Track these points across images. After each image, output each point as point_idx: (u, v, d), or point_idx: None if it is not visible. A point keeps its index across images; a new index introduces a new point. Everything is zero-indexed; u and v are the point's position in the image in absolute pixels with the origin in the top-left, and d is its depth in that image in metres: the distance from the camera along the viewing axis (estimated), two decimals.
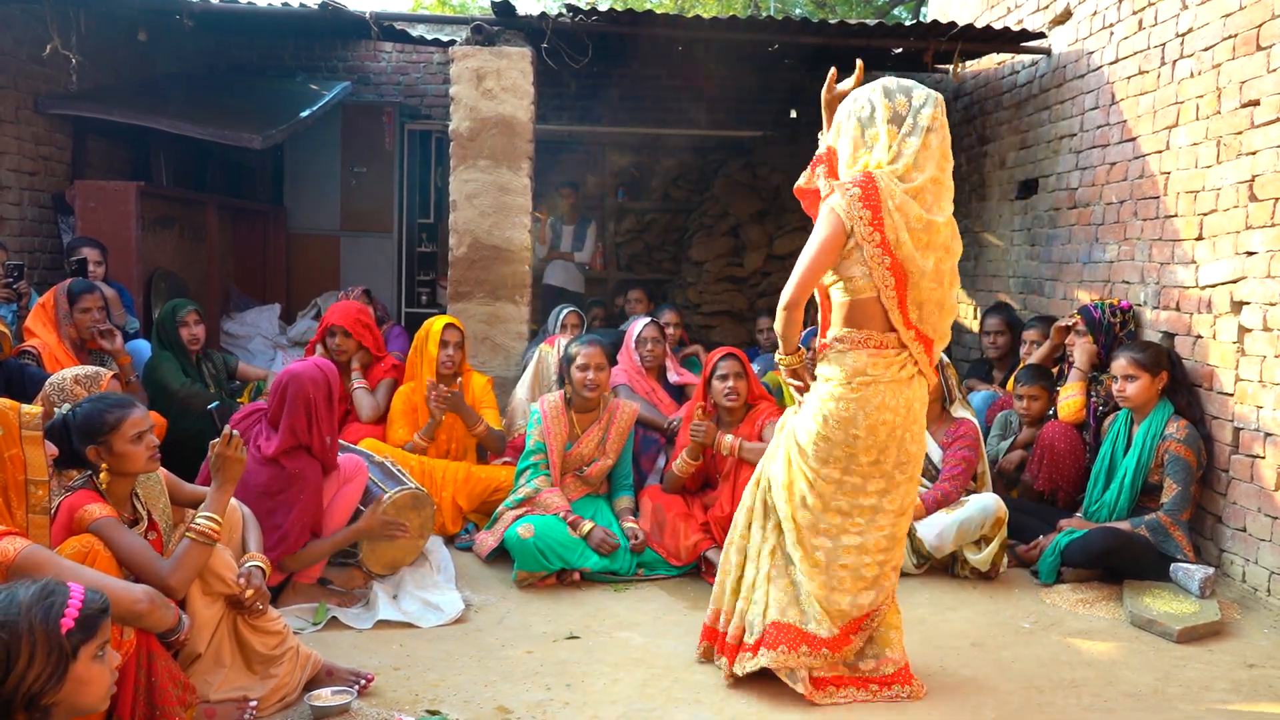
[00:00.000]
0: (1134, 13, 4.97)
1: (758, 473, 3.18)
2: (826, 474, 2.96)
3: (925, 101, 2.89)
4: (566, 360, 4.37)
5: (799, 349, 3.01)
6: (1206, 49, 4.34)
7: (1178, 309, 4.50)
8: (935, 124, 2.89)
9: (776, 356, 3.06)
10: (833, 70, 3.18)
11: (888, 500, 2.98)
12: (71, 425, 2.67)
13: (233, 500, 2.94)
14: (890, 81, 2.94)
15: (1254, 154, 4.00)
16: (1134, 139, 4.94)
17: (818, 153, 3.10)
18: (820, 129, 3.20)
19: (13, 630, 1.84)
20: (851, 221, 2.82)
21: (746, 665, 3.01)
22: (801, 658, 2.95)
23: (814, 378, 3.03)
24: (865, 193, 2.82)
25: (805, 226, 3.09)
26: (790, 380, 3.05)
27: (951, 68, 6.53)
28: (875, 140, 2.89)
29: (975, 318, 6.85)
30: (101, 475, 2.69)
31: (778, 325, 2.97)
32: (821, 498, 2.97)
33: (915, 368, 2.96)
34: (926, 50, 6.23)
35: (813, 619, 2.97)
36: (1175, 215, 4.56)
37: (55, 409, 2.87)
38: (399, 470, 4.02)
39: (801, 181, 3.15)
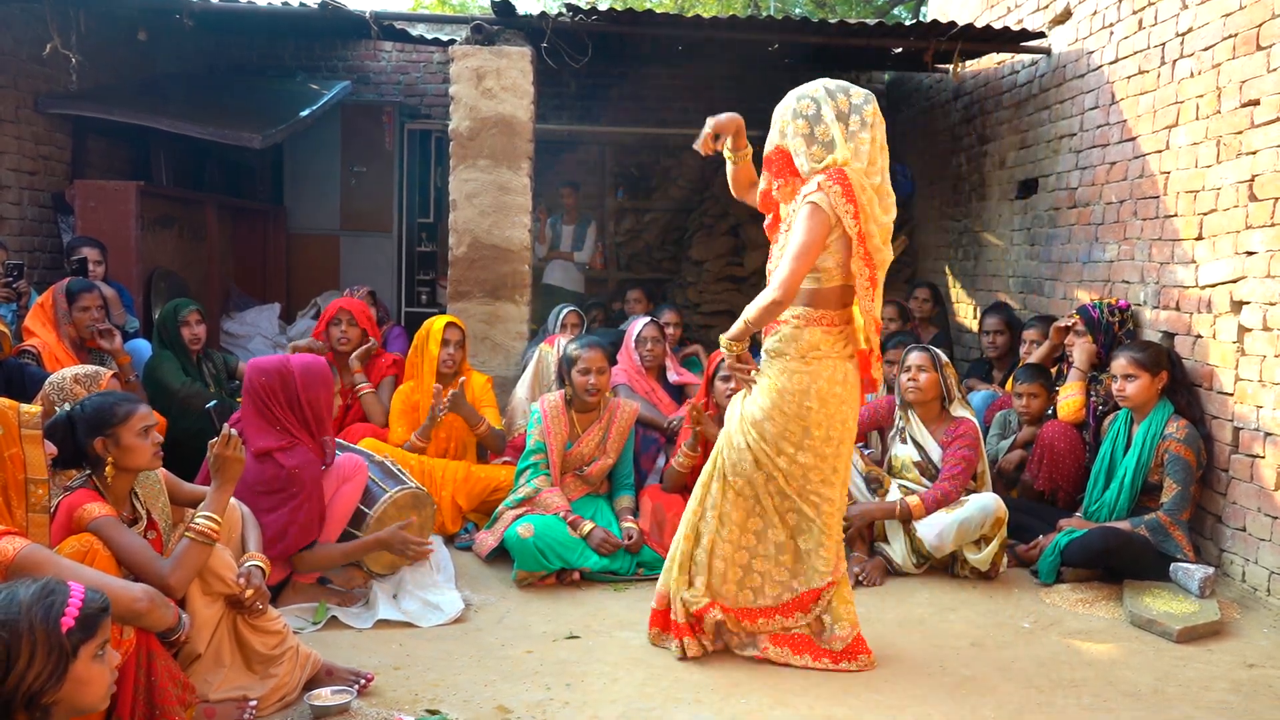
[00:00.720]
0: (1134, 12, 4.97)
1: (710, 463, 3.30)
2: (784, 452, 3.13)
3: (865, 99, 3.09)
4: (567, 363, 4.36)
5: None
6: (1206, 48, 4.34)
7: (1177, 308, 4.50)
8: (876, 119, 3.09)
9: (727, 341, 3.17)
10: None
11: (833, 474, 3.19)
12: (79, 418, 2.69)
13: (232, 500, 2.94)
14: (826, 81, 3.12)
15: (1254, 154, 4.00)
16: (1134, 139, 4.94)
17: (765, 154, 3.22)
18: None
19: (13, 629, 1.84)
20: (836, 214, 2.98)
21: (706, 626, 3.21)
22: (754, 626, 3.22)
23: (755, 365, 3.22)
24: (845, 188, 2.98)
25: None
26: (736, 366, 3.19)
27: (951, 67, 6.53)
28: (827, 136, 3.05)
29: (975, 317, 6.85)
30: (107, 470, 2.69)
31: (758, 313, 3.07)
32: (779, 478, 3.15)
33: (853, 346, 3.17)
34: (926, 50, 6.23)
35: (764, 593, 3.22)
36: (1175, 215, 4.56)
37: (56, 408, 2.87)
38: (399, 469, 4.02)
39: (763, 186, 3.27)
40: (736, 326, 3.13)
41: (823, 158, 3.04)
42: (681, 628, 3.25)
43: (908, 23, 7.55)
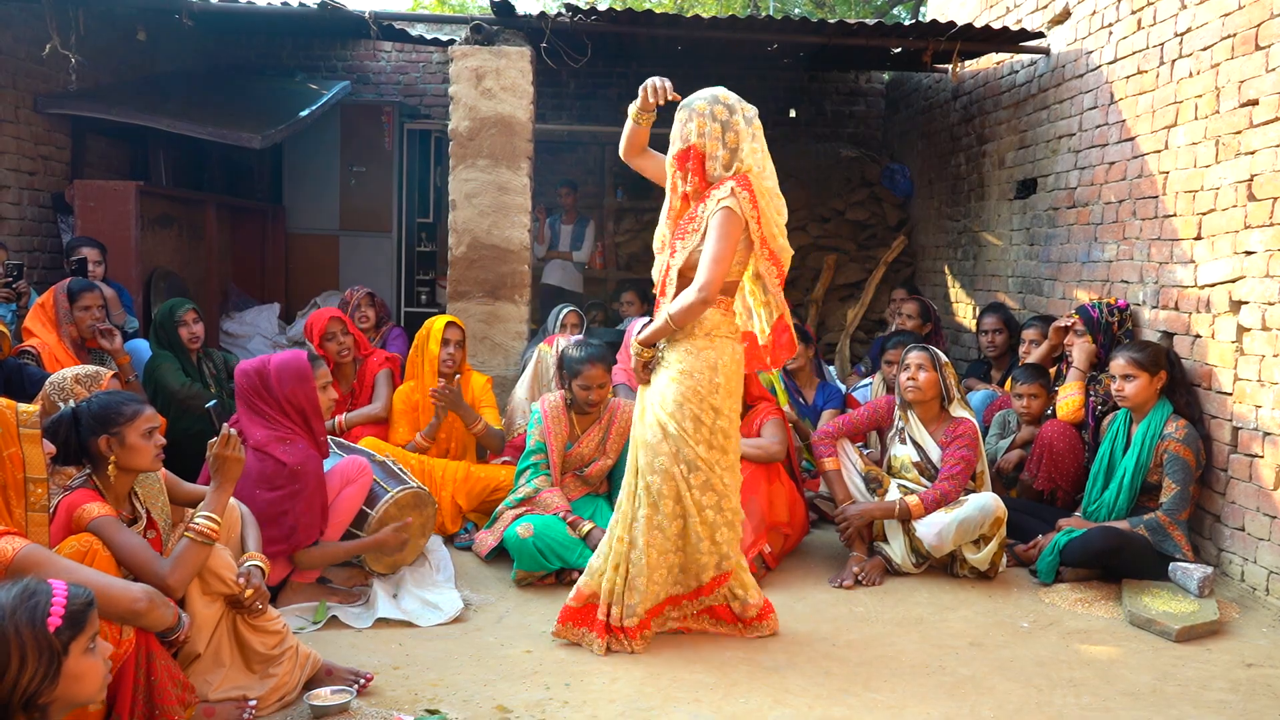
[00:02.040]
0: (1133, 12, 4.97)
1: (632, 463, 3.38)
2: (698, 435, 3.25)
3: (755, 113, 3.33)
4: (569, 371, 4.32)
5: None
6: (1205, 48, 4.34)
7: (1176, 308, 4.50)
8: (760, 132, 3.32)
9: (639, 345, 3.33)
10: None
11: (732, 455, 3.38)
12: (85, 415, 2.70)
13: (231, 499, 2.94)
14: (726, 91, 3.32)
15: (1252, 153, 4.00)
16: (1133, 138, 4.94)
17: (673, 154, 3.34)
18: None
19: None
20: (746, 218, 3.23)
21: (641, 645, 3.30)
22: (673, 613, 3.42)
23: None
24: (751, 195, 3.23)
25: (804, 227, 3.27)
26: (643, 355, 3.34)
27: (950, 67, 6.53)
28: (735, 142, 3.27)
29: (973, 317, 6.85)
30: (109, 469, 2.69)
31: (682, 312, 3.23)
32: (697, 459, 3.26)
33: (739, 330, 3.40)
34: (925, 50, 6.23)
35: (681, 583, 3.39)
36: (1174, 215, 4.56)
37: (59, 405, 2.87)
38: (400, 469, 4.02)
39: (679, 187, 3.37)
40: (658, 325, 3.27)
41: (730, 162, 3.26)
42: (610, 628, 3.31)
43: (907, 23, 7.56)
